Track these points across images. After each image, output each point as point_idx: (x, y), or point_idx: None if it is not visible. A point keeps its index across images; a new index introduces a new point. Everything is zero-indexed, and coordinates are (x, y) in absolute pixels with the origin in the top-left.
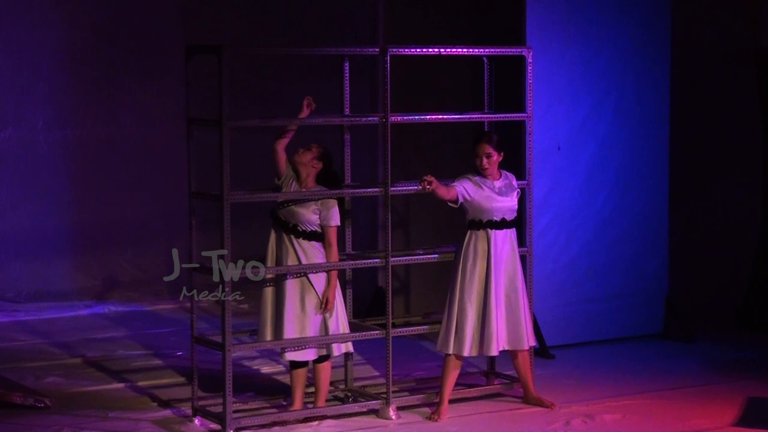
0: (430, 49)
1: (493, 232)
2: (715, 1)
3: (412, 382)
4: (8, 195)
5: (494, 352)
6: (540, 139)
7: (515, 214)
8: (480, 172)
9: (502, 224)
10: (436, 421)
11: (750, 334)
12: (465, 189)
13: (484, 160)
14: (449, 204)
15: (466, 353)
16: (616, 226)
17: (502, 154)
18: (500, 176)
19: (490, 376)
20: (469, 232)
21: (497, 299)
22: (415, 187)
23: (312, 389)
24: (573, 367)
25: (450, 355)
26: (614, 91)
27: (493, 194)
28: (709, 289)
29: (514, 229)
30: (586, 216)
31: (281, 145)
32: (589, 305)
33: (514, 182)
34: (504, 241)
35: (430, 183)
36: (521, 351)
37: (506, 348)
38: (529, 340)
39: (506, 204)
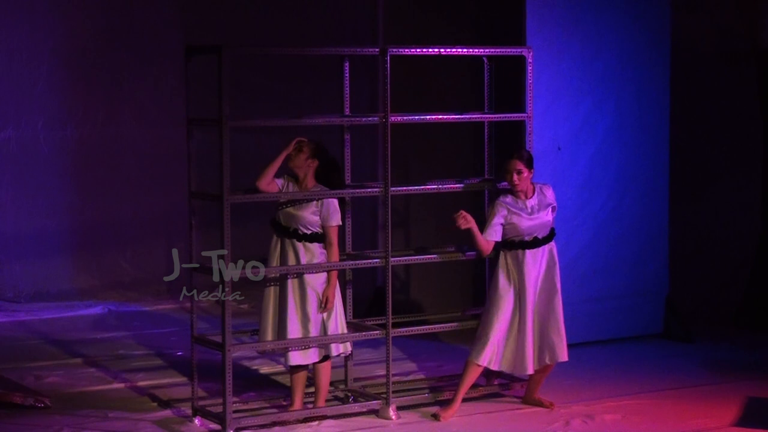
0: (430, 49)
1: (524, 253)
2: (715, 1)
3: (412, 382)
4: (8, 195)
5: (529, 371)
6: (540, 139)
7: (552, 227)
8: (510, 188)
9: (533, 243)
10: (439, 420)
11: (750, 334)
12: (497, 230)
13: (515, 176)
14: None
15: (483, 363)
16: (616, 226)
17: (532, 171)
18: (534, 192)
19: (490, 376)
20: (501, 251)
21: (530, 320)
22: (416, 187)
23: (312, 389)
24: (573, 367)
25: (472, 361)
26: (614, 91)
27: (523, 216)
28: (709, 289)
29: (551, 244)
30: (586, 216)
31: (264, 183)
32: (589, 305)
33: (549, 194)
34: (536, 258)
35: (465, 220)
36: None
37: (544, 364)
38: (564, 353)
39: (537, 222)
